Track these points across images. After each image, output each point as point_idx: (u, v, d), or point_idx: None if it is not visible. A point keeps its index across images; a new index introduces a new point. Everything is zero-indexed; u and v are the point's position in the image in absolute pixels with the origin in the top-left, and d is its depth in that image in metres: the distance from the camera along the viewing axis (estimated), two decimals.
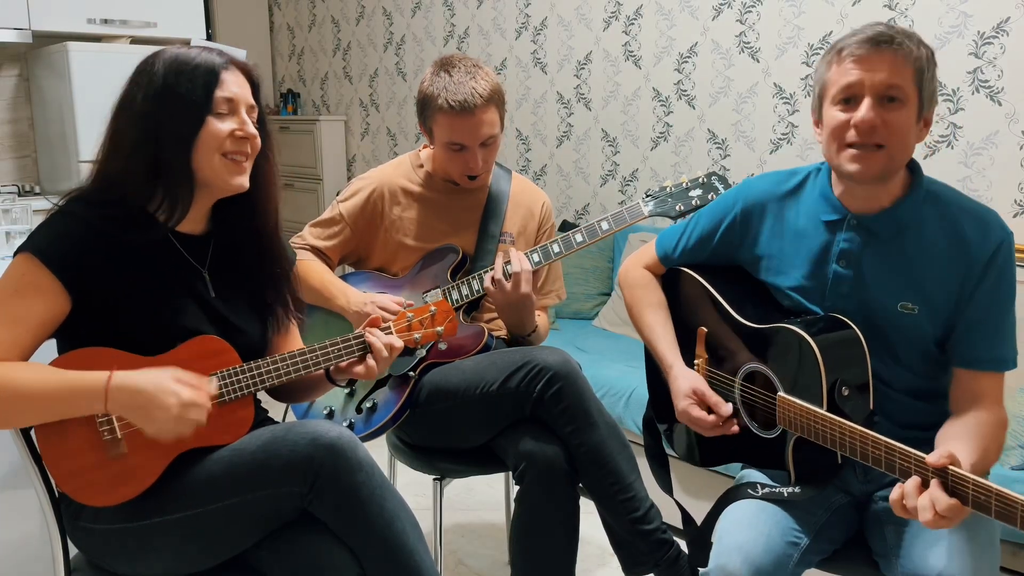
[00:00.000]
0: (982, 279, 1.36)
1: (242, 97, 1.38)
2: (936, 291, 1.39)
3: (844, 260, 1.44)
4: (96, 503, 1.30)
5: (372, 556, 1.32)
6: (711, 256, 1.63)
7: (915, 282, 1.40)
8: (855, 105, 1.34)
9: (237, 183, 1.39)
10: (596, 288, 3.37)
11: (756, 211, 1.56)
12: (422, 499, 2.53)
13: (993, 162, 2.48)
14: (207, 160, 1.36)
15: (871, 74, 1.32)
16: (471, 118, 1.82)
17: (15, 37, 3.13)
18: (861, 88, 1.33)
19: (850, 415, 1.33)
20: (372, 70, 4.68)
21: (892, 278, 1.41)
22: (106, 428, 1.29)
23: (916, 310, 1.40)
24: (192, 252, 1.42)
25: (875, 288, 1.42)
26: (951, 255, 1.37)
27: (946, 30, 2.52)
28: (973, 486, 1.11)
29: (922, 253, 1.40)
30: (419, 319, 1.49)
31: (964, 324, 1.38)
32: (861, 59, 1.33)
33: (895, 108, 1.33)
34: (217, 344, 1.37)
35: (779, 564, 1.35)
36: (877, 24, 1.35)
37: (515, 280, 1.80)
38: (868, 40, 1.33)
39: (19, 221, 2.57)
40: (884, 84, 1.32)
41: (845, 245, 1.44)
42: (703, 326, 1.60)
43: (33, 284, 1.28)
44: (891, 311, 1.41)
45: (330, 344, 1.42)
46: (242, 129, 1.37)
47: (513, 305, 1.85)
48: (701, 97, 3.17)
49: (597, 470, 1.70)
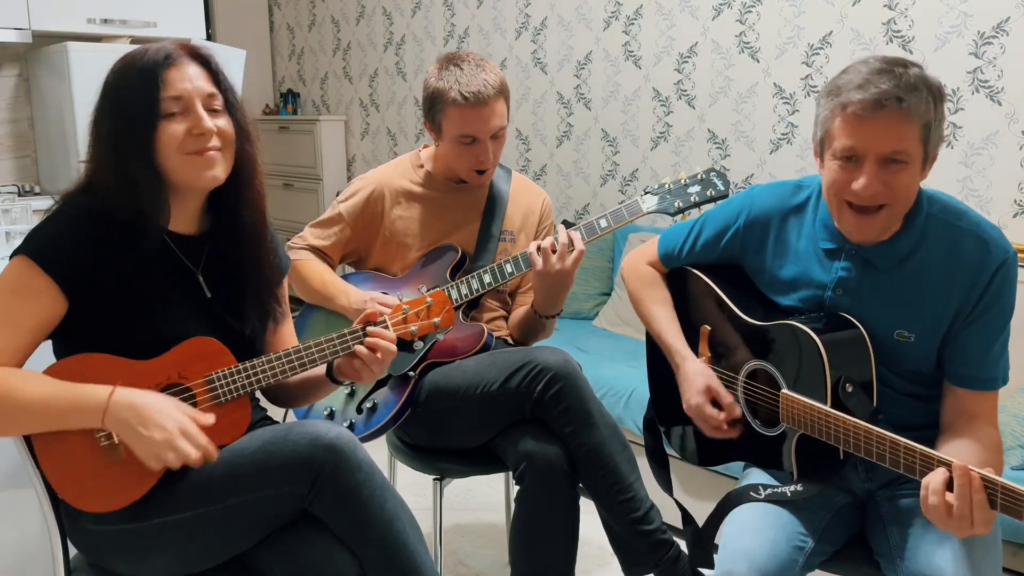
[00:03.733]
0: (979, 302, 1.35)
1: (194, 90, 1.32)
2: (933, 317, 1.37)
3: (841, 289, 1.44)
4: (95, 509, 1.30)
5: (372, 556, 1.32)
6: (716, 261, 1.63)
7: (912, 311, 1.38)
8: (857, 165, 1.30)
9: (208, 177, 1.34)
10: (596, 288, 3.36)
11: (759, 225, 1.54)
12: (422, 499, 2.53)
13: (993, 162, 2.48)
14: (171, 163, 1.32)
15: (875, 140, 1.27)
16: (484, 108, 1.83)
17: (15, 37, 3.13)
18: (864, 153, 1.29)
19: (854, 412, 1.32)
20: (372, 70, 4.68)
21: (889, 307, 1.40)
22: (103, 434, 1.29)
23: (912, 338, 1.39)
24: (187, 253, 1.41)
25: (871, 317, 1.41)
26: (950, 280, 1.35)
27: (946, 30, 2.52)
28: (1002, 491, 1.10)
29: (920, 281, 1.38)
30: (415, 311, 1.48)
31: (958, 342, 1.37)
32: (865, 122, 1.27)
33: (898, 170, 1.29)
34: (213, 345, 1.36)
35: (785, 569, 1.34)
36: (883, 69, 1.27)
37: (562, 252, 1.75)
38: (873, 102, 1.25)
39: (19, 221, 2.57)
40: (888, 151, 1.27)
41: (842, 274, 1.43)
42: (706, 324, 1.59)
43: (29, 287, 1.28)
44: (887, 339, 1.40)
45: (325, 340, 1.40)
46: (198, 126, 1.32)
47: (555, 277, 1.78)
48: (701, 97, 3.17)
49: (597, 470, 1.70)
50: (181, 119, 1.32)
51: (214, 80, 1.37)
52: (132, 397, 1.24)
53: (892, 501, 1.44)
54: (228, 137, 1.37)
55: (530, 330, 1.99)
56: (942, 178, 2.54)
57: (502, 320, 2.04)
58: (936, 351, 1.39)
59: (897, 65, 1.28)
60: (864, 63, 1.30)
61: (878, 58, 1.31)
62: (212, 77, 1.36)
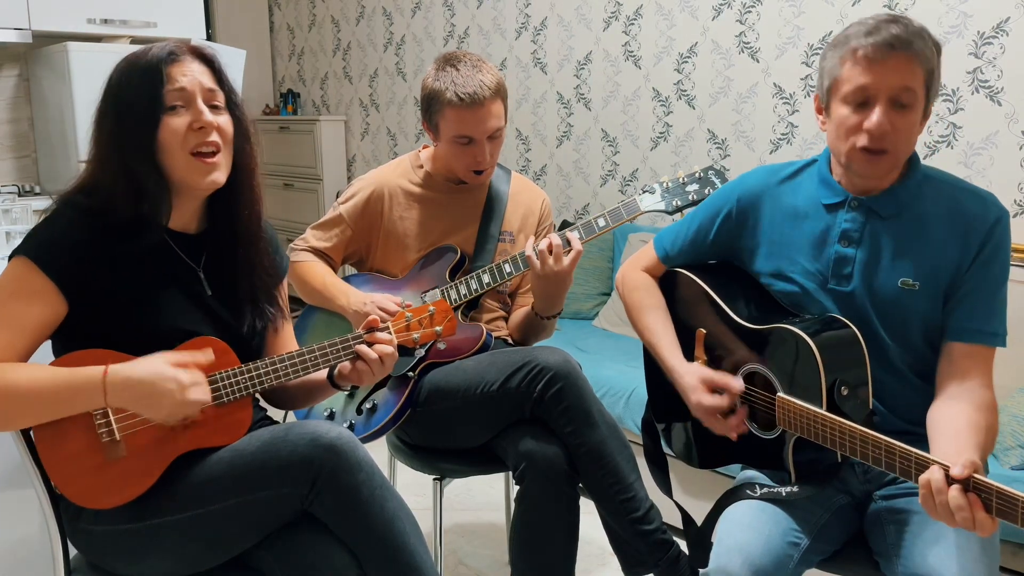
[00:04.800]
0: (980, 251, 1.38)
1: (196, 85, 1.34)
2: (936, 266, 1.40)
3: (846, 240, 1.46)
4: (97, 506, 1.30)
5: (372, 556, 1.32)
6: (711, 249, 1.63)
7: (916, 258, 1.42)
8: (867, 108, 1.35)
9: (210, 181, 1.35)
10: (596, 288, 3.36)
11: (754, 200, 1.57)
12: (422, 499, 2.53)
13: (993, 162, 2.48)
14: (175, 161, 1.33)
15: (886, 79, 1.32)
16: (480, 110, 1.83)
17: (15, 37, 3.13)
18: (875, 92, 1.33)
19: (849, 415, 1.33)
20: (372, 70, 4.68)
21: (893, 256, 1.43)
22: (104, 431, 1.29)
23: (917, 286, 1.41)
24: (187, 251, 1.41)
25: (877, 266, 1.44)
26: (950, 229, 1.40)
27: (946, 30, 2.52)
28: (997, 494, 1.10)
29: (922, 229, 1.42)
30: (417, 319, 1.49)
31: (960, 295, 1.40)
32: (876, 62, 1.33)
33: (905, 113, 1.34)
34: (216, 345, 1.36)
35: (779, 565, 1.35)
36: (889, 19, 1.34)
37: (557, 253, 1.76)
38: (884, 44, 1.32)
39: (19, 221, 2.57)
40: (898, 89, 1.33)
41: (847, 225, 1.46)
42: (702, 327, 1.60)
43: (28, 288, 1.28)
44: (893, 288, 1.43)
45: (329, 345, 1.41)
46: (199, 119, 1.33)
47: (554, 278, 1.79)
48: (701, 97, 3.17)
49: (597, 470, 1.70)
50: (183, 113, 1.32)
51: (216, 78, 1.37)
52: (127, 371, 1.24)
53: (889, 501, 1.44)
54: (228, 135, 1.37)
55: (531, 331, 1.99)
56: None
57: (502, 320, 2.05)
58: (940, 304, 1.41)
59: (901, 17, 1.36)
60: (869, 17, 1.37)
61: (879, 15, 1.37)
62: (214, 75, 1.37)
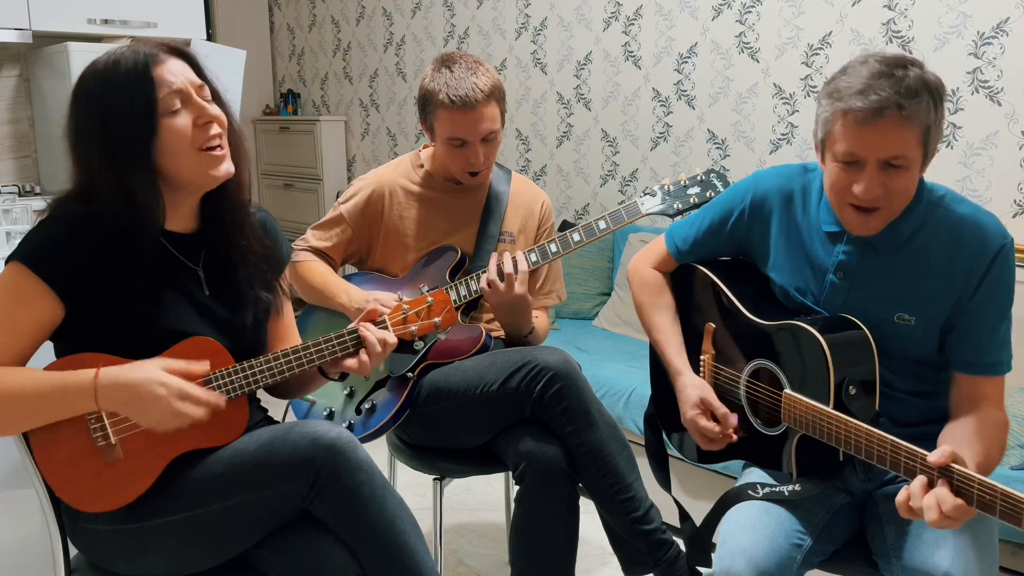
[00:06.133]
0: (979, 286, 1.36)
1: (187, 82, 1.31)
2: (934, 301, 1.39)
3: (841, 272, 1.45)
4: (95, 509, 1.30)
5: (372, 556, 1.32)
6: (723, 247, 1.63)
7: (913, 294, 1.40)
8: (858, 169, 1.31)
9: (224, 172, 1.35)
10: (596, 288, 3.36)
11: (765, 205, 1.55)
12: (422, 499, 2.53)
13: (993, 162, 2.48)
14: (180, 161, 1.31)
15: (875, 147, 1.28)
16: (472, 113, 1.83)
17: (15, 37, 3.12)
18: (865, 156, 1.30)
19: (856, 414, 1.33)
20: (372, 70, 4.68)
21: (889, 291, 1.41)
22: (100, 434, 1.29)
23: (913, 321, 1.40)
24: (184, 251, 1.41)
25: (871, 300, 1.42)
26: (949, 265, 1.37)
27: (946, 30, 2.52)
28: (978, 486, 1.11)
29: (920, 265, 1.39)
30: (415, 311, 1.48)
31: (961, 329, 1.39)
32: (865, 128, 1.27)
33: (899, 174, 1.30)
34: (211, 345, 1.36)
35: (783, 566, 1.35)
36: (884, 73, 1.27)
37: (508, 281, 1.79)
38: (873, 110, 1.25)
39: (19, 221, 2.57)
40: (889, 156, 1.29)
41: (843, 258, 1.45)
42: (711, 322, 1.60)
43: (23, 292, 1.27)
44: (888, 323, 1.41)
45: (324, 340, 1.40)
46: (203, 115, 1.32)
47: (508, 306, 1.84)
48: (701, 97, 3.17)
49: (597, 470, 1.70)
50: (184, 112, 1.31)
51: (197, 72, 1.36)
52: (118, 374, 1.24)
53: (889, 500, 1.44)
54: (226, 125, 1.37)
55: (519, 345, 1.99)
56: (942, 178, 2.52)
57: None
58: (937, 336, 1.41)
59: (897, 67, 1.28)
60: (863, 63, 1.30)
61: (877, 58, 1.30)
62: (195, 70, 1.36)
